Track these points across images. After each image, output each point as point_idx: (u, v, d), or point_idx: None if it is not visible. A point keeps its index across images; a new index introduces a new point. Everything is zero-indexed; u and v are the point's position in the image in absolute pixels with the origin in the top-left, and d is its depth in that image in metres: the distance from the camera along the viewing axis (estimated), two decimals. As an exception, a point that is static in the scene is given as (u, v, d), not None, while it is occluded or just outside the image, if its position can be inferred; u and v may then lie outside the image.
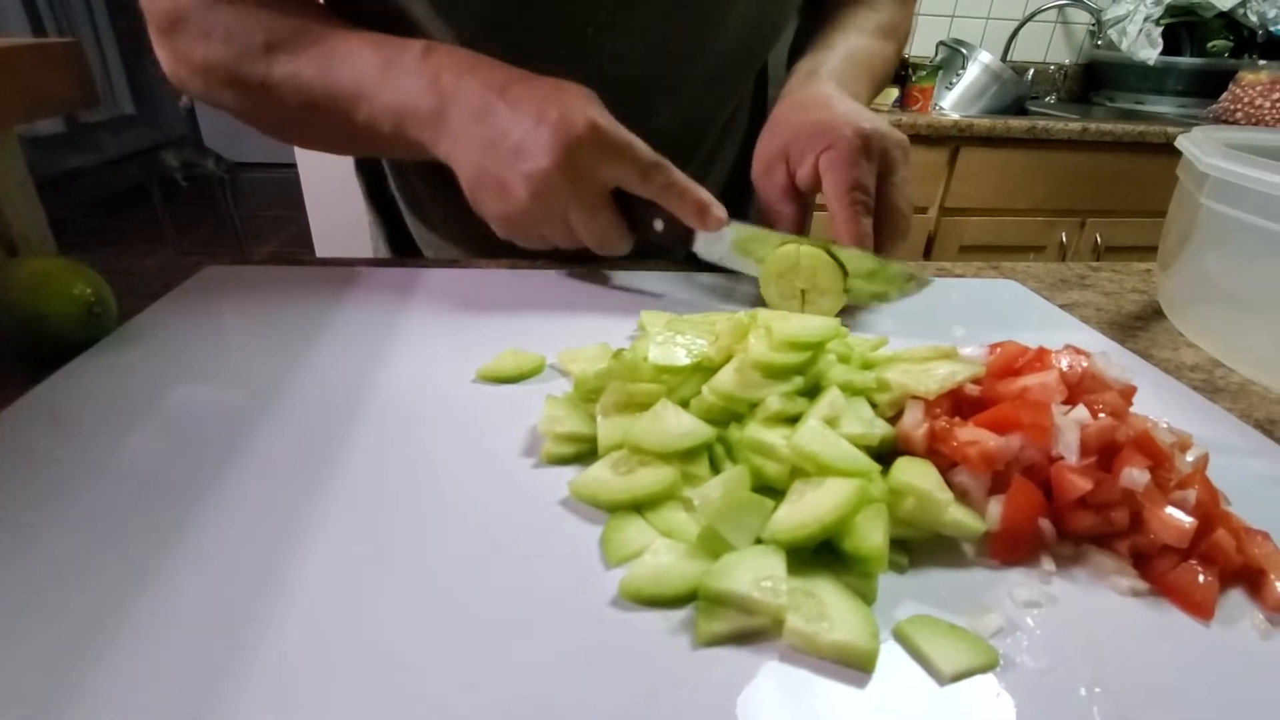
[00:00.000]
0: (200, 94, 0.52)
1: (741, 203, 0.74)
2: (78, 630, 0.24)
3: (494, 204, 0.46)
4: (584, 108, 0.43)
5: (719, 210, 0.47)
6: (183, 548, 0.28)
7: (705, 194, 0.47)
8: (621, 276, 0.57)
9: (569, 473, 0.33)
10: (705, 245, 0.51)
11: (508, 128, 0.43)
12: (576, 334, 0.47)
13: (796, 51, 0.67)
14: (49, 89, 0.55)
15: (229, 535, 0.29)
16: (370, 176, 0.73)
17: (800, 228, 0.53)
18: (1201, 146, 0.51)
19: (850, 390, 0.35)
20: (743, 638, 0.25)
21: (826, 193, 0.48)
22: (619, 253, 0.50)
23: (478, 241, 0.68)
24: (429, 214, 0.69)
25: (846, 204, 0.47)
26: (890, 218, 0.50)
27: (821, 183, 0.49)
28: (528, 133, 0.43)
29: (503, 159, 0.44)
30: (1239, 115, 1.77)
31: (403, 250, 0.75)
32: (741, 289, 0.56)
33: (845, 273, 0.47)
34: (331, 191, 1.81)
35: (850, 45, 0.61)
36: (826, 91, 0.54)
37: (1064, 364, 0.33)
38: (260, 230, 3.25)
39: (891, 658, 0.25)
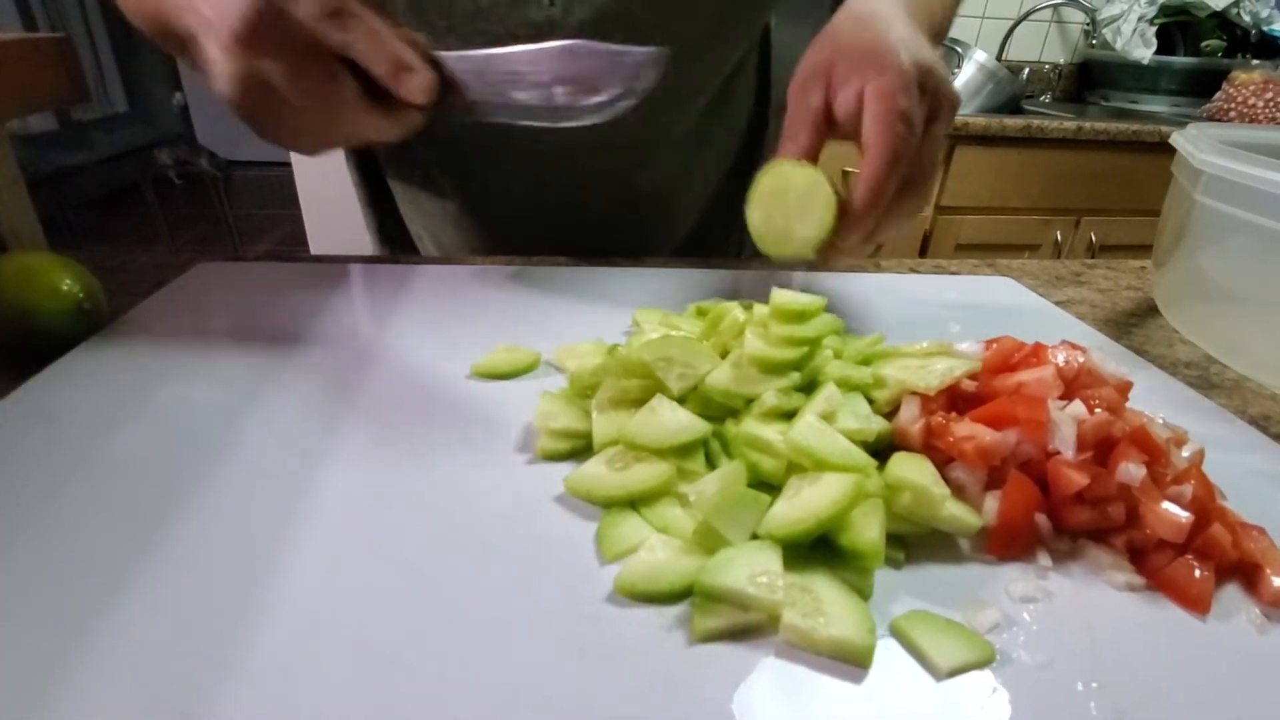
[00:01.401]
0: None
1: (743, 187, 0.73)
2: (66, 625, 0.24)
3: (220, 89, 0.39)
4: None
5: (421, 77, 0.40)
6: (173, 544, 0.28)
7: (405, 49, 0.40)
8: (617, 273, 0.57)
9: (564, 469, 0.33)
10: (459, 106, 0.43)
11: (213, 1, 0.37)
12: (572, 331, 0.47)
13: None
14: (39, 84, 0.54)
15: (219, 532, 0.29)
16: (363, 166, 0.73)
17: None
18: (1196, 143, 0.51)
19: (847, 386, 0.35)
20: (739, 633, 0.25)
21: (867, 121, 0.41)
22: (383, 132, 0.42)
23: (458, 235, 0.68)
24: (427, 207, 0.68)
25: (888, 137, 0.40)
26: (914, 174, 0.43)
27: (864, 111, 0.41)
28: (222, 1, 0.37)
29: (211, 36, 0.38)
30: (1233, 115, 1.77)
31: (394, 242, 0.75)
32: (740, 286, 0.56)
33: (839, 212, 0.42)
34: (326, 190, 1.81)
35: None
36: (889, 11, 0.46)
37: (1060, 359, 0.33)
38: (255, 229, 3.24)
39: (888, 653, 0.25)
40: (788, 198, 0.43)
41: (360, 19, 0.39)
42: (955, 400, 0.34)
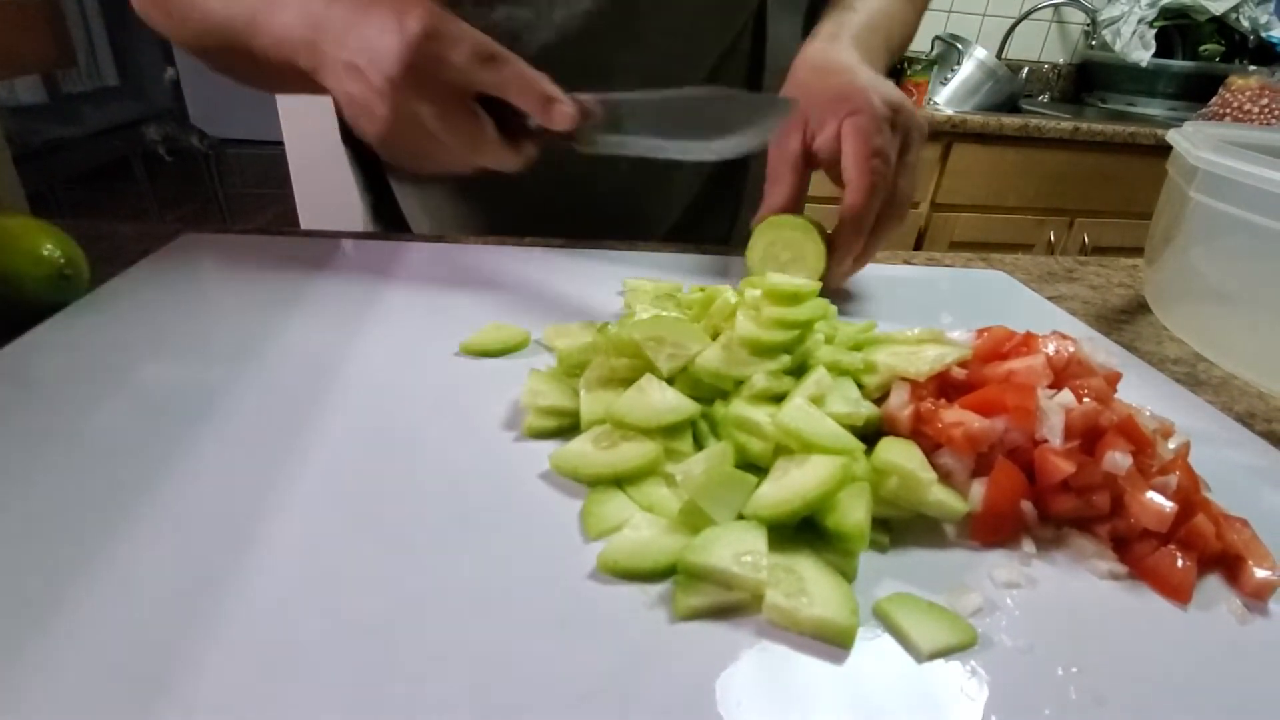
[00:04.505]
0: (144, 16, 0.52)
1: (735, 171, 0.73)
2: (40, 593, 0.24)
3: (367, 127, 0.44)
4: (417, 8, 0.41)
5: (566, 106, 0.44)
6: (150, 514, 0.27)
7: (550, 86, 0.44)
8: (609, 255, 0.57)
9: (550, 446, 0.33)
10: (587, 138, 0.47)
11: (361, 44, 0.42)
12: (562, 311, 0.46)
13: (812, 17, 0.64)
14: (24, 47, 0.53)
15: (198, 502, 0.28)
16: (358, 148, 0.72)
17: (796, 203, 0.51)
18: (1193, 140, 0.51)
19: (837, 370, 0.35)
20: (722, 612, 0.25)
21: (845, 158, 0.46)
22: (507, 164, 0.46)
23: (455, 213, 0.67)
24: (405, 184, 0.68)
25: (865, 171, 0.45)
26: (892, 200, 0.48)
27: (841, 149, 0.47)
28: (374, 45, 0.41)
29: (361, 78, 0.42)
30: (1227, 119, 1.78)
31: (388, 221, 0.74)
32: (732, 268, 0.56)
33: (827, 251, 0.47)
34: (318, 170, 1.79)
35: (872, 7, 0.59)
36: (848, 59, 0.52)
37: (1050, 349, 0.33)
38: (245, 208, 3.20)
39: (871, 635, 0.25)
40: (784, 249, 0.49)
41: (509, 61, 0.43)
42: (945, 387, 0.33)
